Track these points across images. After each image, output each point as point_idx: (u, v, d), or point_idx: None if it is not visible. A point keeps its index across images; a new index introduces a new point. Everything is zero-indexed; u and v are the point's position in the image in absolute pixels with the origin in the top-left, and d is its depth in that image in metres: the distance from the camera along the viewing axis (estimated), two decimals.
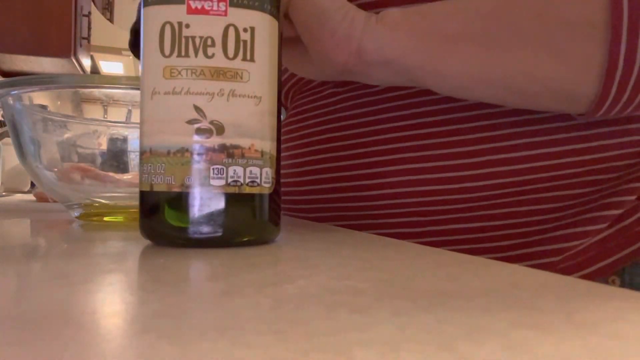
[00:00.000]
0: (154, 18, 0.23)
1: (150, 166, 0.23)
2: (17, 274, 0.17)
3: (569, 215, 0.37)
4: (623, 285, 0.36)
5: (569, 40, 0.29)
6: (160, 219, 0.23)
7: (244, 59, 0.23)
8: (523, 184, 0.36)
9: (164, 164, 0.23)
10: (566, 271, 0.37)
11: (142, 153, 0.24)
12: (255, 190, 0.24)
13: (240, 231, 0.24)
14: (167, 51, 0.23)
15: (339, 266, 0.19)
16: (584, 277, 0.36)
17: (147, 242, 0.25)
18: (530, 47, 0.30)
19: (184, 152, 0.23)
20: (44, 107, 0.39)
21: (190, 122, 0.22)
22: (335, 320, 0.12)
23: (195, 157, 0.23)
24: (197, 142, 0.23)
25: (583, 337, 0.11)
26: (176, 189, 0.23)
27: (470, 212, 0.37)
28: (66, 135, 0.39)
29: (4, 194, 1.18)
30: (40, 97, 0.38)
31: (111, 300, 0.14)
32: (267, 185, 0.24)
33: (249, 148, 0.23)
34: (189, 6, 0.23)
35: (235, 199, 0.23)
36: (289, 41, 0.35)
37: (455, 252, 0.23)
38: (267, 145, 0.24)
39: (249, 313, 0.12)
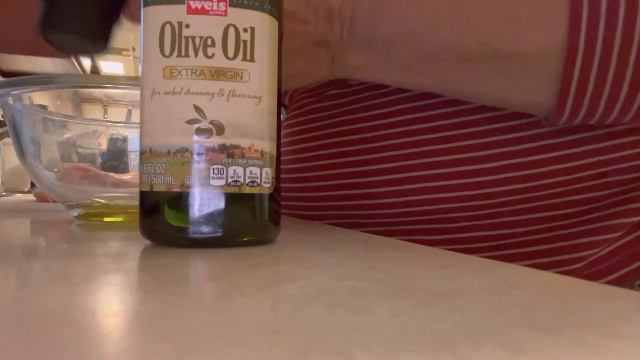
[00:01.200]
0: (154, 18, 0.23)
1: (150, 166, 0.23)
2: (17, 274, 0.17)
3: (586, 221, 0.37)
4: None
5: (522, 68, 0.30)
6: (160, 219, 0.23)
7: (244, 59, 0.23)
8: (540, 188, 0.36)
9: (164, 164, 0.23)
10: (591, 278, 0.36)
11: (142, 153, 0.24)
12: (255, 190, 0.24)
13: (240, 231, 0.24)
14: (167, 51, 0.23)
15: (339, 266, 0.19)
16: (610, 282, 0.36)
17: (147, 242, 0.25)
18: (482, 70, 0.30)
19: (184, 152, 0.22)
20: (44, 107, 0.39)
21: (190, 122, 0.22)
22: (335, 320, 0.12)
23: (195, 157, 0.23)
24: (197, 142, 0.23)
25: (583, 337, 0.11)
26: (176, 189, 0.23)
27: (486, 220, 0.37)
28: (66, 135, 0.39)
29: (4, 194, 1.18)
30: (40, 97, 0.38)
31: (111, 300, 0.14)
32: (267, 185, 0.24)
33: (249, 148, 0.23)
34: (189, 6, 0.23)
35: (235, 199, 0.23)
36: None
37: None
38: (267, 145, 0.24)
39: (249, 313, 0.12)
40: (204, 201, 0.23)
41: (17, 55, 1.97)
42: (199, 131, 0.23)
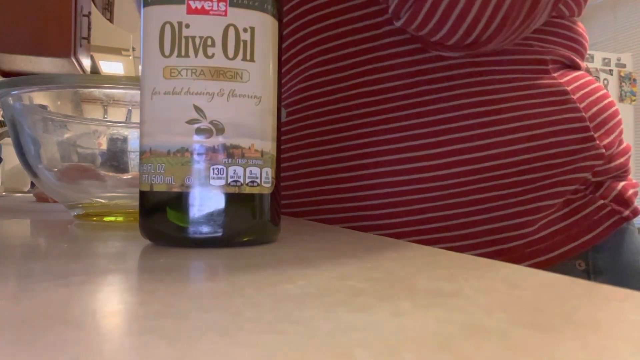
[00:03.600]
0: (154, 18, 0.23)
1: (150, 166, 0.23)
2: (17, 274, 0.17)
3: (521, 202, 0.40)
4: (587, 268, 0.41)
5: None
6: (160, 219, 0.23)
7: (244, 59, 0.23)
8: (478, 172, 0.39)
9: (164, 164, 0.23)
10: (534, 255, 0.40)
11: (142, 153, 0.24)
12: (255, 191, 0.24)
13: (240, 231, 0.24)
14: (167, 51, 0.23)
15: (339, 266, 0.19)
16: (552, 259, 0.41)
17: (147, 242, 0.25)
18: None
19: (184, 152, 0.23)
20: (44, 107, 0.39)
21: (190, 122, 0.22)
22: (335, 320, 0.12)
23: (195, 157, 0.23)
24: (197, 142, 0.23)
25: (583, 337, 0.11)
26: (176, 189, 0.23)
27: (438, 201, 0.40)
28: (66, 135, 0.39)
29: (4, 194, 1.18)
30: (40, 97, 0.38)
31: (111, 300, 0.14)
32: (267, 185, 0.24)
33: (249, 148, 0.23)
34: (189, 6, 0.23)
35: (235, 199, 0.23)
36: None
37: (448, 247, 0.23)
38: (267, 145, 0.24)
39: (249, 313, 0.12)
40: (204, 201, 0.23)
41: (17, 55, 1.97)
42: (199, 131, 0.23)
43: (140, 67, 0.24)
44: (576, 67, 0.44)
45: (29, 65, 2.11)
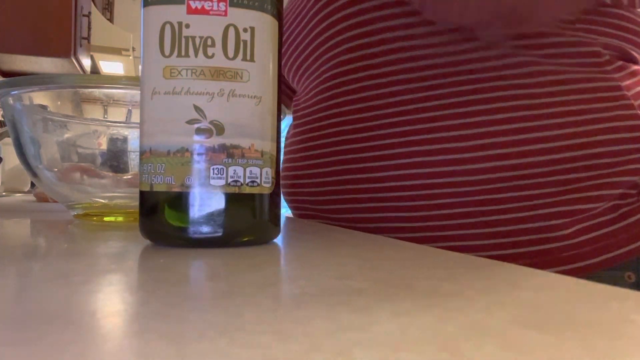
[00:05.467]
0: (154, 18, 0.23)
1: (150, 166, 0.23)
2: (17, 274, 0.17)
3: (563, 202, 0.38)
4: (638, 280, 0.38)
5: None
6: (160, 219, 0.23)
7: (244, 59, 0.23)
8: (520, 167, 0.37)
9: (164, 164, 0.23)
10: (571, 260, 0.38)
11: (142, 153, 0.24)
12: (255, 191, 0.24)
13: (240, 231, 0.24)
14: (167, 51, 0.23)
15: (339, 266, 0.19)
16: (593, 265, 0.38)
17: (147, 242, 0.25)
18: None
19: (184, 152, 0.23)
20: (44, 107, 0.39)
21: (190, 122, 0.22)
22: (335, 320, 0.12)
23: (196, 157, 0.23)
24: (197, 142, 0.23)
25: (583, 337, 0.11)
26: (176, 189, 0.23)
27: (465, 197, 0.38)
28: (66, 135, 0.39)
29: (4, 194, 1.18)
30: (40, 97, 0.38)
31: (111, 300, 0.14)
32: (267, 185, 0.24)
33: (249, 148, 0.23)
34: (189, 6, 0.23)
35: (235, 199, 0.23)
36: None
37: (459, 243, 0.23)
38: (267, 145, 0.24)
39: (249, 313, 0.12)
40: (204, 201, 0.23)
41: (17, 55, 1.97)
42: (199, 131, 0.23)
43: (140, 67, 0.24)
44: (633, 61, 0.41)
45: (29, 65, 2.11)
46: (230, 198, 0.23)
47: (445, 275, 0.18)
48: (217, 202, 0.23)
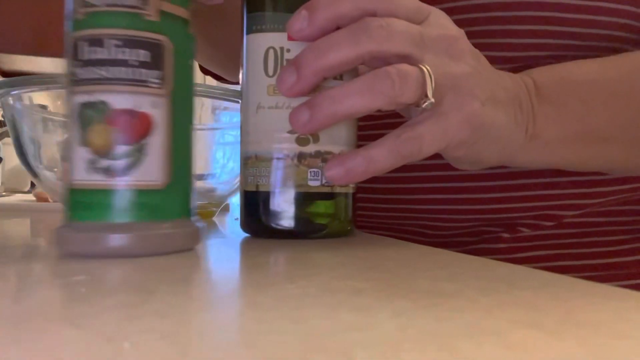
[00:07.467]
0: (259, 43, 0.27)
1: (255, 170, 0.27)
2: (17, 274, 0.17)
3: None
4: None
5: None
6: (264, 215, 0.26)
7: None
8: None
9: (268, 168, 0.26)
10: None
11: (247, 158, 0.27)
12: (344, 190, 0.28)
13: (330, 225, 0.27)
14: (270, 71, 0.26)
15: (339, 266, 0.19)
16: None
17: None
18: None
19: (285, 158, 0.26)
20: (44, 107, 0.39)
21: (291, 132, 0.26)
22: (335, 320, 0.12)
23: (295, 162, 0.26)
24: (297, 149, 0.26)
25: (583, 337, 0.11)
26: (279, 189, 0.26)
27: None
28: (66, 135, 0.39)
29: (4, 194, 1.18)
30: (40, 97, 0.38)
31: (111, 300, 0.14)
32: (352, 185, 0.28)
33: (339, 153, 0.26)
34: (289, 34, 0.25)
35: (329, 197, 0.27)
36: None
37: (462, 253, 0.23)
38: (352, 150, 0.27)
39: (249, 313, 0.12)
40: (303, 199, 0.26)
41: (17, 55, 1.97)
42: (298, 140, 0.26)
43: (241, 84, 0.28)
44: None
45: (29, 65, 2.11)
46: (325, 196, 0.27)
47: (445, 275, 0.18)
48: (314, 200, 0.27)
